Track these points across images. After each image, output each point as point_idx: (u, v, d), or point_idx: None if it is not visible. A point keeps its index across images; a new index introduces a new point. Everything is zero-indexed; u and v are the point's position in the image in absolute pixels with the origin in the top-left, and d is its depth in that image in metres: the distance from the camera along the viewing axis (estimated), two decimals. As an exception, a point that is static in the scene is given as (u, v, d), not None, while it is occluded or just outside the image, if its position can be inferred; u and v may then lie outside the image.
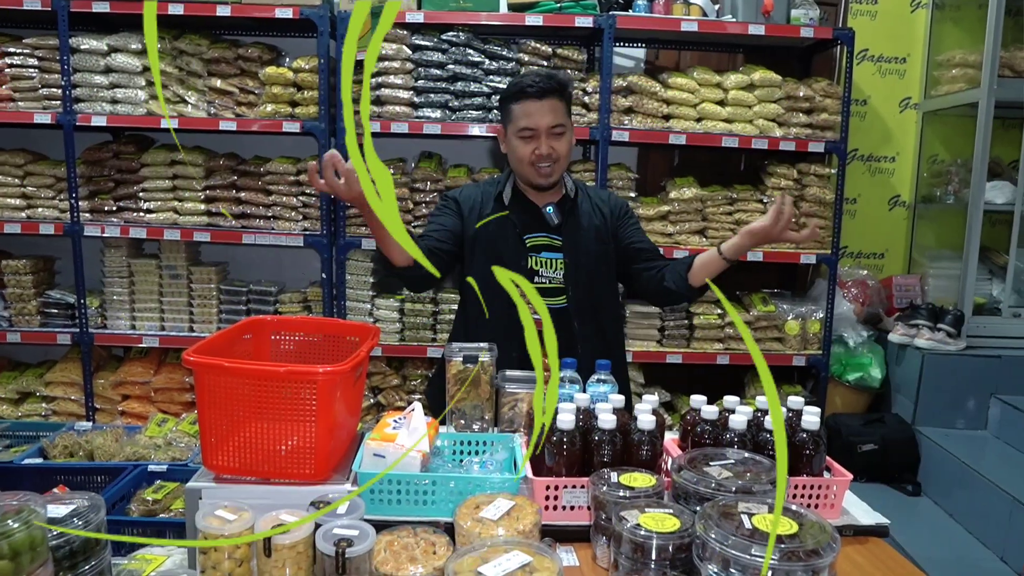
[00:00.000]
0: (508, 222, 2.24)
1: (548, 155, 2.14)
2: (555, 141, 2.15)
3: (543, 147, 2.13)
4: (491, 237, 2.24)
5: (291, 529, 1.23)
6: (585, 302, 2.24)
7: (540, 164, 2.15)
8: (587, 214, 2.28)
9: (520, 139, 2.15)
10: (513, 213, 2.25)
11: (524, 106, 2.13)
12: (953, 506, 3.26)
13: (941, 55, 3.98)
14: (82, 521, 1.20)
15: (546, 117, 2.12)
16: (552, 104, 2.13)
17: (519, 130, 2.15)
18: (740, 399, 1.73)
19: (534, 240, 2.25)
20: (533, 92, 2.11)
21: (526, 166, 2.17)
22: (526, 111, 2.13)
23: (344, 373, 1.48)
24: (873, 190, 4.20)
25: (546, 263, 2.25)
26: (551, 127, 2.13)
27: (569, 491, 1.49)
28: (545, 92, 2.11)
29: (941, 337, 3.56)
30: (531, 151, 2.14)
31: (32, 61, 3.35)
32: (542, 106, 2.12)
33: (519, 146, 2.16)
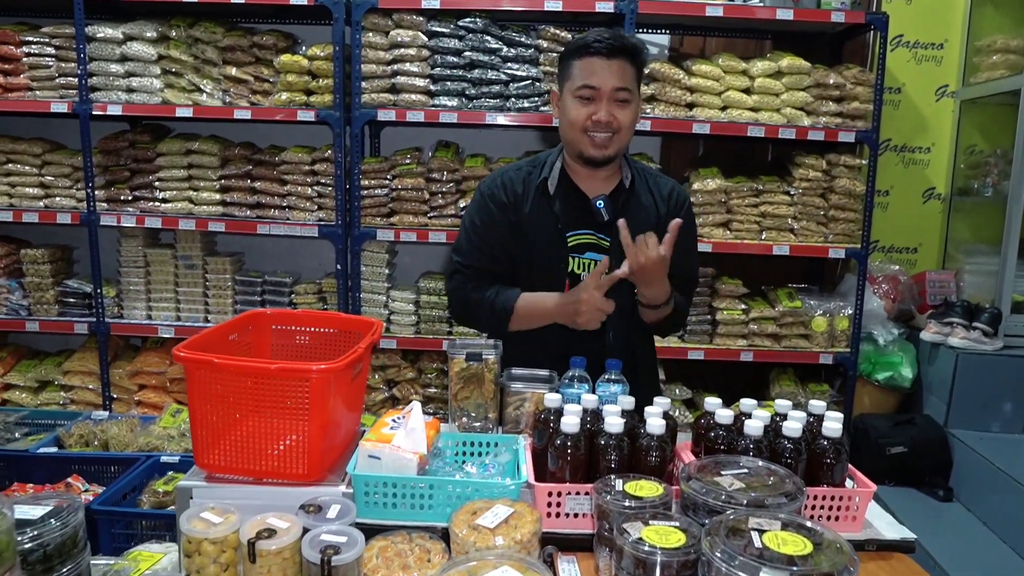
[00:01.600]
0: (550, 213, 1.95)
1: (608, 123, 1.84)
2: (618, 109, 1.84)
3: (602, 112, 1.83)
4: (528, 231, 1.95)
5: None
6: (625, 313, 1.95)
7: (596, 132, 1.85)
8: (644, 209, 1.98)
9: (577, 99, 1.85)
10: (557, 203, 1.95)
11: (588, 63, 1.84)
12: (986, 513, 3.12)
13: (981, 40, 3.81)
14: (59, 523, 1.16)
15: (612, 78, 1.82)
16: (621, 66, 1.83)
17: (577, 88, 1.84)
18: (760, 401, 1.64)
19: (578, 238, 1.96)
20: (601, 48, 1.82)
21: (578, 132, 1.87)
22: (589, 68, 1.83)
23: (339, 370, 1.43)
24: (906, 182, 4.04)
25: (589, 266, 1.95)
26: (616, 89, 1.83)
27: (573, 498, 1.42)
28: (615, 51, 1.82)
29: (976, 336, 3.41)
30: (587, 115, 1.84)
31: (49, 50, 3.34)
32: (609, 65, 1.82)
33: (574, 108, 1.86)
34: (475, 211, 2.01)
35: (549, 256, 1.94)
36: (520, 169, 2.03)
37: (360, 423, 1.77)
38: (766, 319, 3.42)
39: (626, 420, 1.48)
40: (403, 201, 3.35)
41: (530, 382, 1.71)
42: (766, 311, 3.43)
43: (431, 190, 3.36)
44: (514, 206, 1.96)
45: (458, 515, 1.32)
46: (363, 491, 1.43)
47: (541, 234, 1.94)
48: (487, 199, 1.99)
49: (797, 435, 1.45)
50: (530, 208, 1.95)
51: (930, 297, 3.84)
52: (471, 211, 2.03)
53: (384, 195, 3.36)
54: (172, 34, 3.32)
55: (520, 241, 1.96)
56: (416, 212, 3.35)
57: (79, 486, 2.75)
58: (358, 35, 3.19)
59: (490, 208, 1.98)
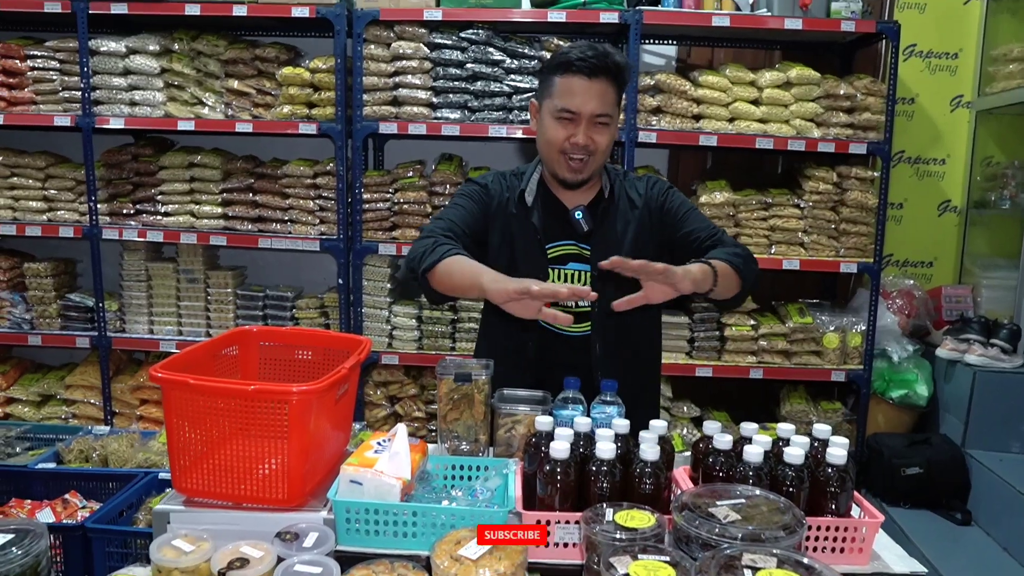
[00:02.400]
0: (529, 226, 1.92)
1: (585, 147, 1.80)
2: (596, 132, 1.81)
3: (580, 136, 1.79)
4: (508, 242, 1.93)
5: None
6: (611, 322, 1.91)
7: (572, 155, 1.82)
8: (623, 215, 1.96)
9: (555, 120, 1.81)
10: (535, 214, 1.93)
11: (568, 82, 1.79)
12: (1006, 537, 3.01)
13: (997, 49, 3.72)
14: (21, 551, 1.12)
15: (592, 101, 1.78)
16: (602, 87, 1.78)
17: (557, 109, 1.80)
18: (771, 419, 1.57)
19: (557, 249, 1.93)
20: (583, 68, 1.76)
21: (555, 153, 1.84)
22: (569, 88, 1.78)
23: (320, 392, 1.38)
24: (921, 194, 3.95)
25: (571, 277, 1.93)
26: (595, 115, 1.79)
27: (562, 527, 1.35)
28: (597, 70, 1.76)
29: (995, 353, 3.31)
30: (565, 137, 1.81)
31: (53, 64, 3.35)
32: (590, 87, 1.77)
33: (552, 127, 1.83)
34: (461, 190, 2.02)
35: (529, 267, 1.89)
36: (505, 176, 2.03)
37: (349, 443, 1.72)
38: (776, 335, 3.34)
39: (619, 445, 1.42)
40: (405, 215, 3.31)
41: (522, 404, 1.65)
42: (776, 327, 3.35)
43: (433, 203, 3.32)
44: (498, 206, 1.96)
45: (440, 544, 1.26)
46: (344, 517, 1.37)
47: (521, 244, 1.92)
48: (476, 186, 1.99)
49: (799, 462, 1.38)
50: (512, 215, 1.94)
51: (946, 313, 3.74)
52: (457, 191, 2.04)
53: (386, 208, 3.32)
54: (175, 47, 3.31)
55: (500, 246, 1.94)
56: (419, 226, 3.31)
57: (76, 503, 2.72)
58: (360, 47, 3.17)
59: (476, 191, 1.97)
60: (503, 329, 1.94)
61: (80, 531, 2.37)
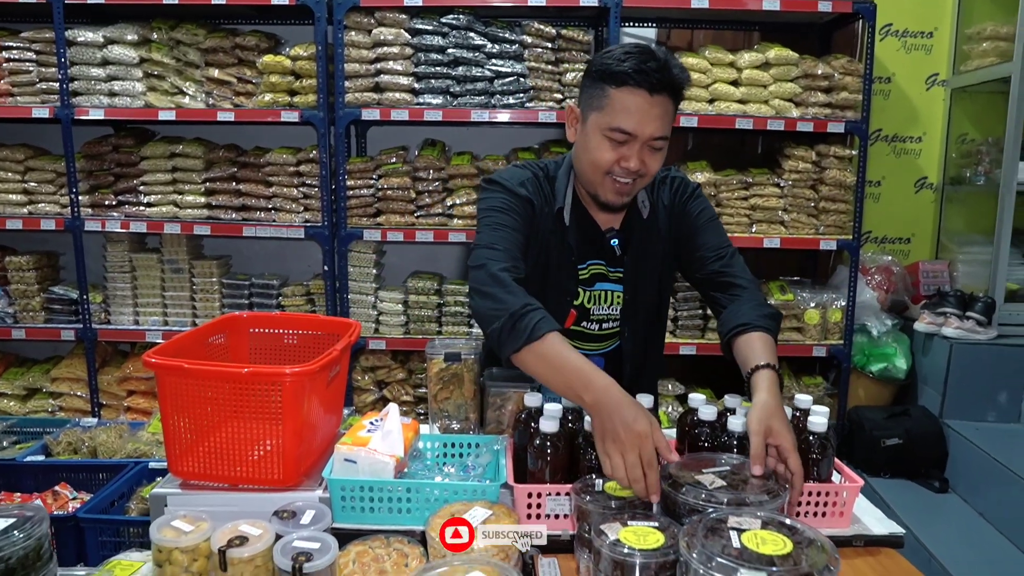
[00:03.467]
0: (565, 246, 1.76)
1: (636, 171, 1.60)
2: (650, 156, 1.61)
3: (633, 160, 1.58)
4: (543, 262, 1.76)
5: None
6: (640, 337, 1.85)
7: (620, 179, 1.63)
8: (654, 232, 1.81)
9: (606, 138, 1.59)
10: (571, 233, 1.76)
11: (628, 97, 1.55)
12: (982, 504, 3.10)
13: (971, 28, 3.78)
14: (22, 535, 1.13)
15: (652, 124, 1.56)
16: (663, 107, 1.56)
17: (610, 128, 1.57)
18: (744, 397, 1.61)
19: (587, 270, 1.80)
20: (644, 83, 1.53)
21: (600, 174, 1.63)
22: (627, 106, 1.55)
23: (313, 373, 1.40)
24: (898, 172, 4.01)
25: (600, 297, 1.81)
26: (654, 138, 1.58)
27: (553, 499, 1.39)
28: (660, 87, 1.54)
29: (970, 326, 3.38)
30: (615, 160, 1.60)
31: (29, 55, 3.31)
32: (651, 106, 1.55)
33: (600, 146, 1.60)
34: (499, 198, 1.72)
35: (559, 288, 1.78)
36: (538, 181, 1.78)
37: (340, 425, 1.74)
38: (758, 313, 3.39)
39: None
40: (389, 201, 3.32)
41: (511, 382, 1.68)
42: (758, 305, 3.40)
43: (417, 189, 3.33)
44: (539, 218, 1.75)
45: (435, 518, 1.30)
46: (339, 495, 1.40)
47: (555, 264, 1.77)
48: (512, 192, 1.72)
49: (781, 430, 1.42)
50: (550, 229, 1.76)
51: (924, 287, 3.81)
52: (494, 199, 1.72)
53: (370, 195, 3.33)
54: (153, 37, 3.29)
55: (536, 260, 1.77)
56: (403, 212, 3.32)
57: (67, 494, 2.72)
58: (340, 34, 3.16)
59: (517, 199, 1.72)
60: None
61: (73, 521, 2.39)
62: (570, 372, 1.40)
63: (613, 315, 1.83)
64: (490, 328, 1.52)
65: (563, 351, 1.43)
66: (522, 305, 1.48)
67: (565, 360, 1.41)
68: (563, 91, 3.25)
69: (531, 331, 1.44)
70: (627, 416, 1.30)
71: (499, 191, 1.72)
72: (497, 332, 1.49)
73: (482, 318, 1.55)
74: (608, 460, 1.30)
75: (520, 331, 1.45)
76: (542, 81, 3.23)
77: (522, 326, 1.45)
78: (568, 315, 1.80)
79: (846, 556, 1.39)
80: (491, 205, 1.70)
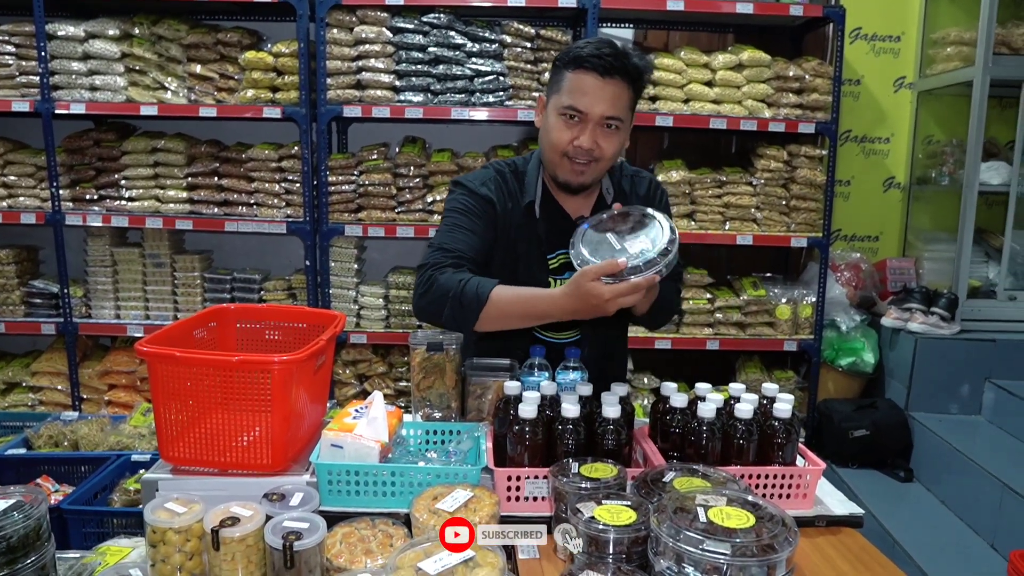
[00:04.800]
0: (534, 237, 1.82)
1: (589, 151, 1.68)
2: (604, 137, 1.68)
3: (586, 138, 1.67)
4: (511, 256, 1.82)
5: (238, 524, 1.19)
6: (600, 324, 1.85)
7: (576, 159, 1.70)
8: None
9: (561, 118, 1.69)
10: (542, 224, 1.82)
11: (579, 78, 1.65)
12: (944, 492, 3.22)
13: (936, 33, 3.90)
14: (22, 515, 1.17)
15: (602, 103, 1.65)
16: (617, 89, 1.65)
17: (563, 106, 1.67)
18: (716, 388, 1.68)
19: (557, 260, 1.85)
20: (597, 65, 1.63)
21: (557, 155, 1.72)
22: (580, 86, 1.65)
23: (301, 362, 1.45)
24: (867, 172, 4.13)
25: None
26: (605, 118, 1.66)
27: (531, 482, 1.46)
28: (612, 70, 1.63)
29: (934, 321, 3.50)
30: (569, 139, 1.68)
31: (9, 48, 3.31)
32: (603, 86, 1.64)
33: (556, 127, 1.70)
34: (460, 199, 1.81)
35: (529, 279, 1.81)
36: (504, 178, 1.86)
37: (325, 414, 1.79)
38: (731, 308, 3.49)
39: (583, 406, 1.52)
40: (371, 197, 3.37)
41: (491, 371, 1.74)
42: (731, 300, 3.50)
43: (398, 185, 3.38)
44: (503, 218, 1.82)
45: (419, 500, 1.36)
46: (327, 479, 1.46)
47: (524, 256, 1.83)
48: (473, 193, 1.81)
49: (748, 416, 1.50)
50: (516, 226, 1.83)
51: (891, 284, 3.93)
52: (454, 201, 1.81)
53: (351, 191, 3.37)
54: (135, 32, 3.30)
55: (505, 255, 1.83)
56: (384, 207, 3.37)
57: (49, 487, 2.74)
58: (322, 32, 3.20)
59: (477, 199, 1.80)
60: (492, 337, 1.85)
61: (56, 513, 2.41)
62: (530, 303, 1.62)
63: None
64: (443, 319, 1.66)
65: (513, 297, 1.62)
66: (457, 283, 1.63)
67: (519, 297, 1.63)
68: (542, 90, 3.31)
69: (477, 298, 1.61)
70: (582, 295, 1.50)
71: (462, 192, 1.82)
72: (451, 318, 1.64)
73: (429, 315, 1.69)
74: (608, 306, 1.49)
75: (469, 305, 1.61)
76: (521, 80, 3.30)
77: (468, 299, 1.61)
78: None
79: (809, 535, 1.47)
80: (452, 206, 1.81)
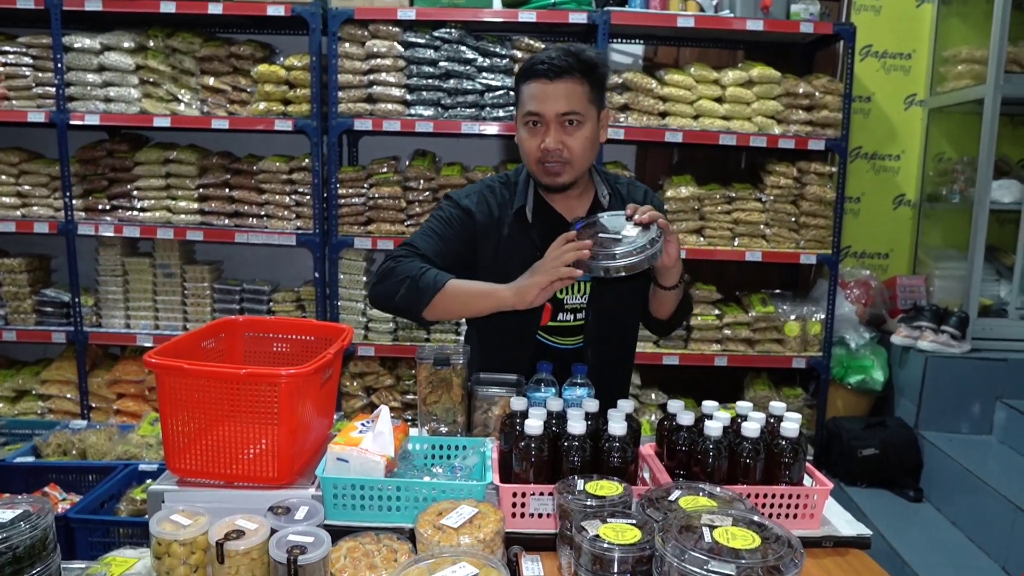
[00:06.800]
0: (527, 242, 1.86)
1: (556, 151, 1.75)
2: (567, 134, 1.75)
3: (550, 139, 1.74)
4: (502, 261, 1.85)
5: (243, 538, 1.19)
6: (605, 330, 1.92)
7: (547, 162, 1.78)
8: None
9: (525, 126, 1.79)
10: (535, 229, 1.87)
11: (531, 87, 1.75)
12: (955, 513, 3.18)
13: (947, 51, 3.90)
14: (28, 526, 1.18)
15: (556, 102, 1.73)
16: (568, 87, 1.73)
17: (524, 115, 1.78)
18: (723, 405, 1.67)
19: None
20: (544, 71, 1.72)
21: (533, 163, 1.81)
22: (533, 93, 1.75)
23: (308, 375, 1.45)
24: (877, 189, 4.12)
25: (571, 288, 1.89)
26: (561, 115, 1.73)
27: (537, 498, 1.45)
28: (559, 71, 1.72)
29: (945, 339, 3.48)
30: (537, 144, 1.77)
31: (26, 60, 3.35)
32: (554, 89, 1.73)
33: (524, 137, 1.80)
34: (442, 209, 1.92)
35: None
36: (493, 190, 1.94)
37: (332, 427, 1.79)
38: (740, 324, 3.48)
39: (590, 422, 1.52)
40: (380, 209, 3.38)
41: (498, 386, 1.74)
42: (739, 316, 3.49)
43: (408, 198, 3.39)
44: (488, 227, 1.88)
45: (424, 516, 1.35)
46: (332, 493, 1.45)
47: (518, 261, 1.83)
48: (460, 210, 1.89)
49: (755, 435, 1.49)
50: (508, 233, 1.88)
51: (901, 302, 3.91)
52: (437, 210, 1.93)
53: (361, 203, 3.39)
54: (150, 44, 3.34)
55: (494, 266, 1.86)
56: (393, 220, 3.38)
57: (56, 495, 2.75)
58: (335, 45, 3.23)
59: (457, 210, 1.89)
60: (498, 342, 1.94)
61: (63, 522, 2.41)
62: (479, 293, 1.68)
63: (582, 304, 1.91)
64: (395, 300, 1.73)
65: (467, 285, 1.69)
66: (418, 268, 1.71)
67: (472, 288, 1.69)
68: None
69: (434, 283, 1.68)
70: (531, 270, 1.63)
71: (447, 203, 1.93)
72: (403, 298, 1.71)
73: (383, 297, 1.77)
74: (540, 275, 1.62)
75: (424, 288, 1.69)
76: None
77: (424, 283, 1.69)
78: (544, 309, 1.86)
79: (815, 556, 1.46)
80: (433, 214, 1.92)
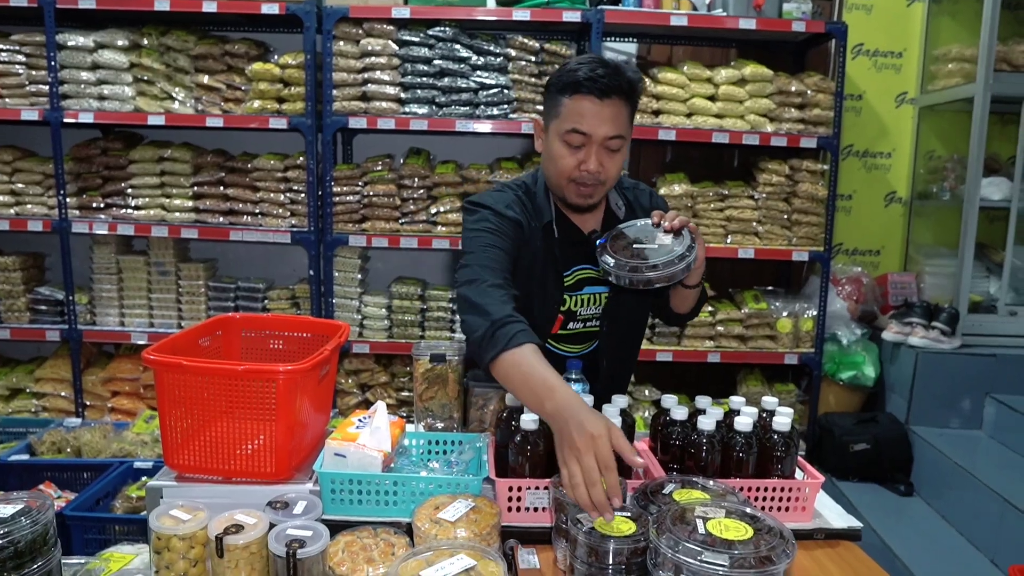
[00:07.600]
0: (551, 256, 1.83)
1: (596, 173, 1.69)
2: (608, 157, 1.69)
3: (592, 162, 1.67)
4: (528, 275, 1.80)
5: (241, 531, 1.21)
6: (619, 338, 1.93)
7: (583, 183, 1.72)
8: None
9: (564, 144, 1.69)
10: (557, 243, 1.83)
11: (578, 103, 1.65)
12: (945, 507, 3.22)
13: (938, 49, 3.93)
14: (29, 521, 1.19)
15: (604, 125, 1.65)
16: (615, 108, 1.66)
17: (566, 132, 1.67)
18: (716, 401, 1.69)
19: (573, 276, 1.87)
20: (594, 88, 1.63)
21: (564, 179, 1.73)
22: (579, 110, 1.65)
23: (305, 371, 1.47)
24: (869, 186, 4.15)
25: (588, 300, 1.88)
26: (608, 138, 1.67)
27: (532, 492, 1.47)
28: (609, 91, 1.64)
29: (935, 335, 3.51)
30: (576, 163, 1.69)
31: (19, 58, 3.35)
32: (601, 109, 1.64)
33: (561, 153, 1.70)
34: (490, 220, 1.76)
35: (546, 297, 1.84)
36: (521, 200, 1.84)
37: (328, 423, 1.81)
38: (732, 321, 3.50)
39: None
40: (375, 207, 3.39)
41: (494, 382, 1.75)
42: (732, 313, 3.51)
43: (402, 196, 3.40)
44: (526, 240, 1.80)
45: (421, 510, 1.37)
46: (329, 488, 1.47)
47: (539, 275, 1.83)
48: (501, 215, 1.77)
49: (748, 430, 1.52)
50: (537, 244, 1.82)
51: (892, 298, 3.94)
52: (484, 222, 1.76)
53: (356, 201, 3.40)
54: (144, 42, 3.34)
55: (522, 274, 1.80)
56: (388, 218, 3.39)
57: (51, 493, 2.75)
58: (329, 44, 3.24)
59: (507, 221, 1.76)
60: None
61: (59, 519, 2.41)
62: (537, 380, 1.41)
63: (598, 314, 1.91)
64: (473, 337, 1.56)
65: (535, 362, 1.45)
66: (505, 315, 1.52)
67: (534, 369, 1.43)
68: (546, 103, 3.34)
69: (509, 340, 1.48)
70: (582, 419, 1.28)
71: (488, 213, 1.77)
72: (479, 340, 1.53)
73: (469, 329, 1.58)
74: (566, 469, 1.27)
75: (499, 339, 1.49)
76: (525, 93, 3.33)
77: (501, 334, 1.49)
78: (556, 320, 1.88)
79: (807, 548, 1.48)
80: (481, 227, 1.74)
